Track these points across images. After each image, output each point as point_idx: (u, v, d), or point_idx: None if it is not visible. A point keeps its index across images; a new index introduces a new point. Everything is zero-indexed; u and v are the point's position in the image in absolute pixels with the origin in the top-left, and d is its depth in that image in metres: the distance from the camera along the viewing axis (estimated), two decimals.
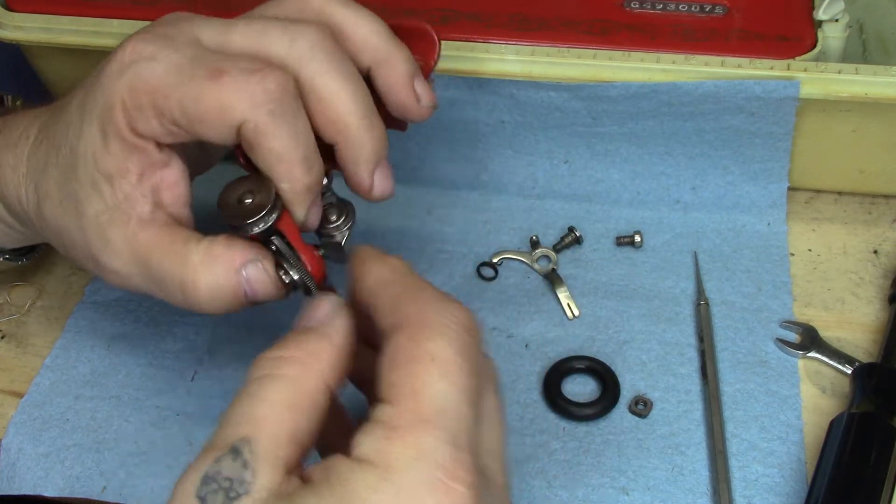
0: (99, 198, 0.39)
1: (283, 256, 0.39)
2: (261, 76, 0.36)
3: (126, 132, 0.38)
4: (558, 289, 0.54)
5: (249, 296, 0.39)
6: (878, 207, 0.58)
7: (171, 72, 0.37)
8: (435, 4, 0.55)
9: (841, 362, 0.50)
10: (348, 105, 0.38)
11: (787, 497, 0.46)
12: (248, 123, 0.36)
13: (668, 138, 0.55)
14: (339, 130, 0.39)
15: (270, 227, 0.38)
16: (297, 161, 0.37)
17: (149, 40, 0.38)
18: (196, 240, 0.39)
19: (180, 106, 0.37)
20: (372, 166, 0.40)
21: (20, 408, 0.51)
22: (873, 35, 0.62)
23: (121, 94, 0.37)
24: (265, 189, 0.38)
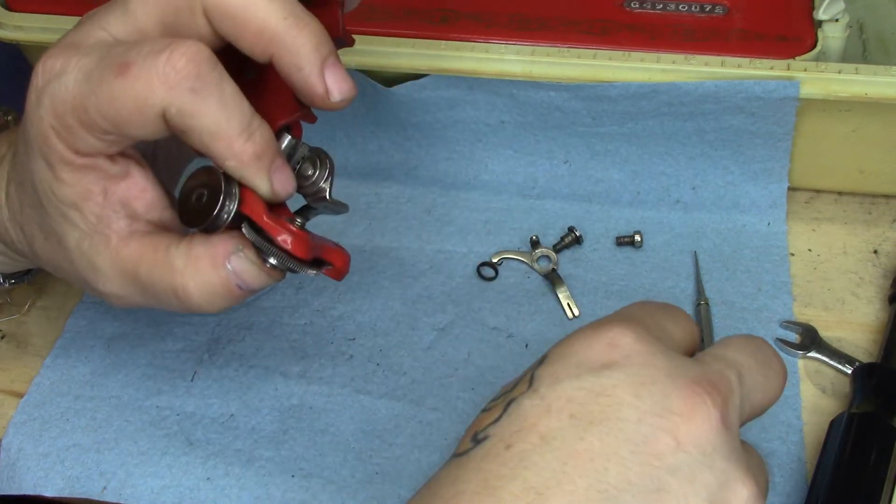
0: (73, 227, 0.38)
1: (255, 245, 0.37)
2: (168, 55, 0.34)
3: (70, 156, 0.36)
4: (558, 289, 0.54)
5: (243, 287, 0.38)
6: (878, 207, 0.58)
7: (80, 81, 0.35)
8: (435, 4, 0.55)
9: (841, 362, 0.50)
10: (265, 8, 0.35)
11: (787, 497, 0.46)
12: (171, 108, 0.34)
13: (668, 138, 0.55)
14: (269, 40, 0.35)
15: (234, 216, 0.36)
16: (234, 132, 0.35)
17: (56, 55, 0.36)
18: (176, 243, 0.38)
19: (100, 113, 0.35)
20: (318, 67, 0.36)
21: (20, 408, 0.51)
22: (873, 35, 0.62)
23: (47, 120, 0.36)
24: (214, 179, 0.36)
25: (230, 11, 0.35)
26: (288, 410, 0.50)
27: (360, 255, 0.57)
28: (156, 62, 0.34)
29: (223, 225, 0.36)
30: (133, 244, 0.38)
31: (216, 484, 0.48)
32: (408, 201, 0.60)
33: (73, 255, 0.39)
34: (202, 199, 0.36)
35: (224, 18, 0.35)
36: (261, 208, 0.36)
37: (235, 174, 0.36)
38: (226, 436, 0.49)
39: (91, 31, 0.37)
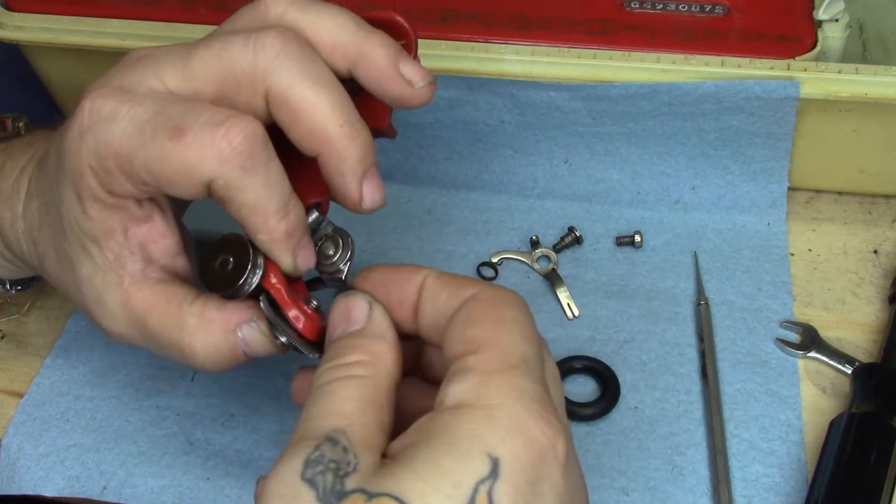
0: (89, 259, 0.38)
1: (270, 321, 0.38)
2: (225, 130, 0.34)
3: (102, 195, 0.37)
4: (558, 289, 0.54)
5: (248, 354, 0.39)
6: (878, 207, 0.58)
7: (132, 133, 0.35)
8: (435, 4, 0.55)
9: (841, 362, 0.50)
10: (325, 112, 0.36)
11: (787, 497, 0.46)
12: (218, 181, 0.35)
13: (668, 138, 0.55)
14: (320, 141, 0.36)
15: (255, 288, 0.37)
16: (271, 211, 0.36)
17: (106, 96, 0.36)
18: (190, 300, 0.38)
19: (146, 168, 0.35)
20: (359, 176, 0.37)
21: (20, 408, 0.51)
22: (873, 35, 0.62)
23: (87, 159, 0.36)
24: (242, 249, 0.37)
25: (292, 105, 0.36)
26: (288, 410, 0.50)
27: (360, 256, 0.57)
28: (213, 134, 0.34)
29: (244, 295, 0.37)
30: (146, 291, 0.38)
31: (216, 484, 0.48)
32: (408, 201, 0.60)
33: (83, 286, 0.39)
34: (227, 265, 0.37)
35: (284, 108, 0.36)
36: (281, 283, 0.38)
37: (263, 247, 0.37)
38: (226, 436, 0.49)
39: (144, 78, 0.36)
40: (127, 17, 0.56)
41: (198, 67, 0.36)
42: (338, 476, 0.30)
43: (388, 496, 0.29)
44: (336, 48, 0.37)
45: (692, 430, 0.48)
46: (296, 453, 0.31)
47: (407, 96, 0.38)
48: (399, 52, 0.38)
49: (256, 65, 0.35)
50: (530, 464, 0.30)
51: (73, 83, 0.62)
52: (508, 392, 0.31)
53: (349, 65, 0.37)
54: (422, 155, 0.60)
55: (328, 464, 0.31)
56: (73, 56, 0.59)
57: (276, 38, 0.36)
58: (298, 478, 0.30)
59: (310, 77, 0.36)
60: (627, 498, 0.46)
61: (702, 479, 0.46)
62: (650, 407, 0.49)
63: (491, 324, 0.34)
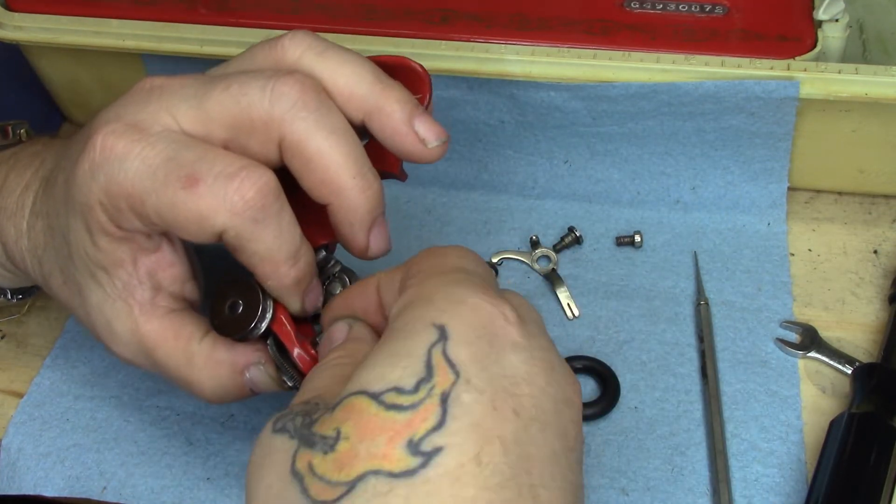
0: (98, 287, 0.39)
1: (276, 364, 0.38)
2: (238, 183, 0.34)
3: (111, 228, 0.37)
4: (558, 289, 0.54)
5: (255, 392, 0.40)
6: (878, 207, 0.58)
7: (144, 175, 0.35)
8: (435, 4, 0.55)
9: (841, 362, 0.50)
10: (339, 164, 0.36)
11: (787, 497, 0.46)
12: (230, 231, 0.35)
13: (668, 138, 0.55)
14: (332, 192, 0.36)
15: (265, 332, 0.38)
16: (282, 259, 0.36)
17: (119, 133, 0.36)
18: (198, 338, 0.39)
19: (157, 213, 0.35)
20: (367, 227, 0.37)
21: (20, 408, 0.51)
22: (873, 35, 0.62)
23: (97, 195, 0.36)
24: (252, 293, 0.37)
25: (306, 155, 0.36)
26: None
27: None
28: (225, 187, 0.34)
29: (254, 338, 0.38)
30: (154, 322, 0.39)
31: (216, 484, 0.48)
32: (408, 201, 0.60)
33: (91, 311, 0.40)
34: (236, 308, 0.38)
35: (297, 157, 0.36)
36: (290, 325, 0.38)
37: (273, 293, 0.37)
38: (226, 436, 0.49)
39: (157, 114, 0.36)
40: (127, 17, 0.56)
41: (213, 109, 0.36)
42: (307, 415, 0.30)
43: (350, 395, 0.29)
44: (352, 99, 0.37)
45: (692, 430, 0.48)
46: (267, 424, 0.31)
47: (418, 154, 0.38)
48: (414, 108, 0.38)
49: (273, 112, 0.35)
50: (479, 324, 0.30)
51: (73, 83, 0.62)
52: (444, 280, 0.32)
53: (364, 116, 0.37)
54: None
55: (290, 412, 0.31)
56: (73, 56, 0.59)
57: (295, 87, 0.36)
58: (270, 433, 0.31)
59: (325, 127, 0.36)
60: (627, 498, 0.46)
61: (702, 479, 0.46)
62: (650, 407, 0.49)
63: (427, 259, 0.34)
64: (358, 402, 0.29)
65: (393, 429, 0.28)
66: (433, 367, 0.29)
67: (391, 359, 0.30)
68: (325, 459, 0.28)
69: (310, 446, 0.29)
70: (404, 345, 0.30)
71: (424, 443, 0.28)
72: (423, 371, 0.29)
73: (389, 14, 0.55)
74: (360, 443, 0.28)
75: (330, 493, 0.27)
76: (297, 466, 0.28)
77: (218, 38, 0.54)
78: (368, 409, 0.28)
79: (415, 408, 0.28)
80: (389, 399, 0.28)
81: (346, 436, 0.28)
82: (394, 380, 0.29)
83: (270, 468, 0.29)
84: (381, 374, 0.29)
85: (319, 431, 0.29)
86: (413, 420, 0.28)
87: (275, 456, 0.30)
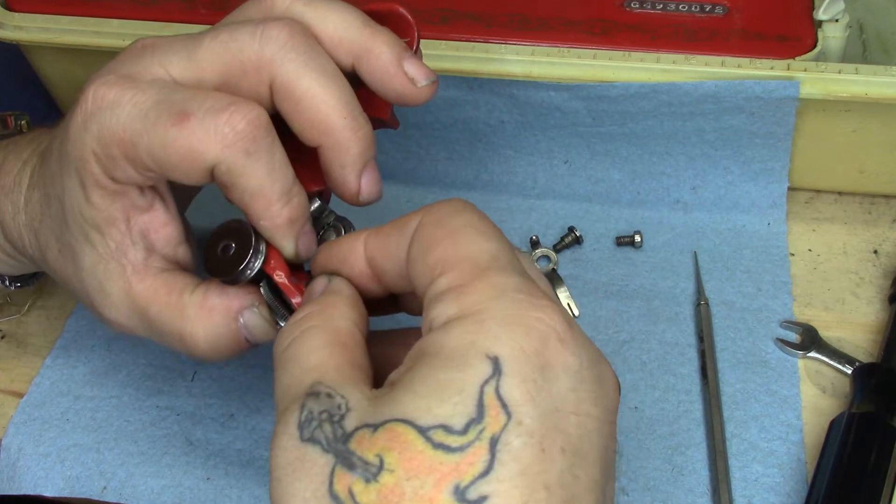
0: (92, 248, 0.38)
1: (270, 306, 0.38)
2: (228, 115, 0.35)
3: (105, 181, 0.37)
4: (558, 289, 0.54)
5: (250, 341, 0.39)
6: (878, 207, 0.58)
7: (135, 118, 0.35)
8: (435, 4, 0.55)
9: (841, 362, 0.50)
10: (329, 104, 0.36)
11: (787, 497, 0.46)
12: (221, 165, 0.35)
13: (668, 138, 0.55)
14: (323, 132, 0.36)
15: (257, 273, 0.37)
16: (275, 196, 0.36)
17: (110, 83, 0.36)
18: (190, 289, 0.39)
19: (149, 154, 0.35)
20: (359, 168, 0.37)
21: (20, 408, 0.51)
22: (873, 35, 0.62)
23: (90, 146, 0.36)
24: (244, 234, 0.37)
25: (296, 94, 0.36)
26: None
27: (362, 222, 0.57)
28: (216, 119, 0.34)
29: (246, 280, 0.37)
30: (147, 280, 0.39)
31: (216, 484, 0.48)
32: (408, 201, 0.60)
33: (84, 276, 0.39)
34: (228, 251, 0.37)
35: (287, 98, 0.36)
36: (283, 269, 0.38)
37: (265, 233, 0.37)
38: (226, 436, 0.49)
39: (149, 67, 0.37)
40: (127, 17, 0.56)
41: (203, 56, 0.36)
42: (334, 423, 0.29)
43: (394, 421, 0.28)
44: (341, 43, 0.38)
45: (692, 430, 0.48)
46: (286, 422, 0.30)
47: (409, 94, 0.38)
48: (403, 50, 0.38)
49: (262, 54, 0.36)
50: (533, 352, 0.29)
51: (73, 83, 0.62)
52: (490, 293, 0.30)
53: (353, 60, 0.38)
54: (422, 155, 0.60)
55: (320, 416, 0.30)
56: (73, 56, 0.59)
57: (283, 30, 0.36)
58: (298, 441, 0.30)
59: (315, 69, 0.36)
60: (627, 498, 0.46)
61: (702, 479, 0.46)
62: (650, 407, 0.49)
63: (446, 241, 0.32)
64: (403, 432, 0.28)
65: (441, 471, 0.27)
66: (485, 407, 0.28)
67: (440, 391, 0.28)
68: (367, 489, 0.27)
69: (349, 468, 0.28)
70: (455, 378, 0.28)
71: (471, 490, 0.27)
72: (474, 411, 0.28)
73: None
74: (406, 480, 0.27)
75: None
76: (336, 489, 0.28)
77: None
78: (415, 443, 0.28)
79: (463, 450, 0.27)
80: (437, 437, 0.28)
81: (391, 468, 0.27)
82: (443, 417, 0.28)
83: (304, 482, 0.29)
84: (428, 407, 0.28)
85: (358, 453, 0.28)
86: (461, 464, 0.27)
87: (308, 468, 0.29)
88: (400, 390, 0.29)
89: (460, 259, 0.31)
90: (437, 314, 0.30)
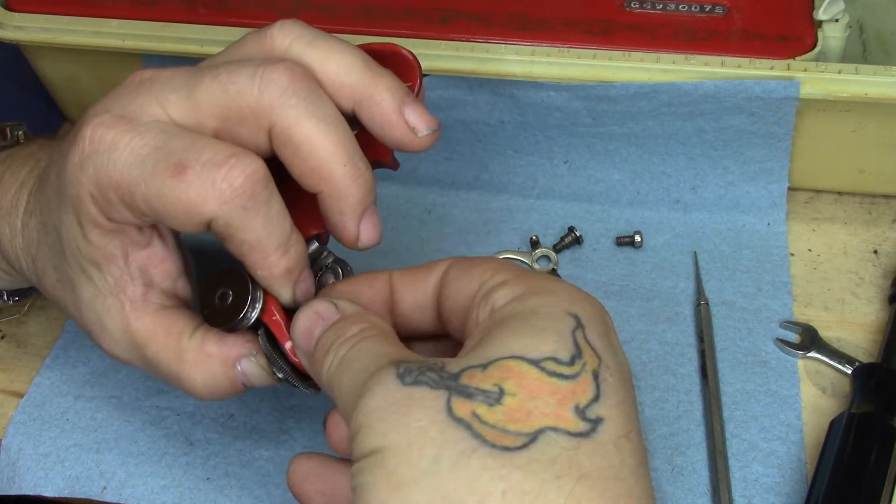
0: (90, 283, 0.38)
1: (267, 356, 0.38)
2: (226, 170, 0.34)
3: (102, 221, 0.37)
4: None
5: (247, 386, 0.39)
6: (878, 207, 0.58)
7: (133, 165, 0.35)
8: (435, 4, 0.55)
9: (841, 362, 0.50)
10: (329, 151, 0.35)
11: (787, 497, 0.46)
12: (219, 220, 0.35)
13: (668, 138, 0.55)
14: (322, 179, 0.36)
15: (254, 323, 0.37)
16: (272, 248, 0.36)
17: (108, 125, 0.36)
18: (189, 333, 0.39)
19: (146, 203, 0.35)
20: (358, 216, 0.37)
21: (20, 408, 0.51)
22: (873, 35, 0.62)
23: (87, 187, 0.36)
24: (241, 283, 0.37)
25: (295, 142, 0.36)
26: (288, 410, 0.50)
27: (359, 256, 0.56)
28: (213, 175, 0.34)
29: (244, 328, 0.38)
30: (146, 319, 0.39)
31: (216, 484, 0.48)
32: (408, 201, 0.60)
33: (83, 308, 0.39)
34: (226, 299, 0.37)
35: (287, 144, 0.36)
36: (280, 316, 0.37)
37: (263, 283, 0.37)
38: (226, 436, 0.49)
39: (147, 106, 0.36)
40: (127, 17, 0.56)
41: (203, 98, 0.36)
42: (436, 370, 0.30)
43: (503, 358, 0.30)
44: (342, 87, 0.37)
45: (692, 430, 0.48)
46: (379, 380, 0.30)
47: (409, 143, 0.37)
48: (405, 97, 0.37)
49: (262, 100, 0.35)
50: (600, 319, 0.33)
51: (73, 83, 0.62)
52: (548, 280, 0.34)
53: (354, 105, 0.37)
54: (422, 155, 0.59)
55: (417, 368, 0.31)
56: (73, 56, 0.59)
57: (284, 74, 0.35)
58: (400, 386, 0.30)
59: (315, 115, 0.36)
60: None
61: (702, 479, 0.46)
62: (650, 407, 0.49)
63: (488, 261, 0.36)
64: (516, 365, 0.30)
65: (561, 393, 0.30)
66: (580, 347, 0.31)
67: (540, 333, 0.31)
68: (492, 411, 0.29)
69: (467, 396, 0.29)
70: (548, 324, 0.31)
71: (588, 411, 0.30)
72: (573, 348, 0.31)
73: (389, 14, 0.55)
74: (530, 400, 0.29)
75: (510, 440, 0.28)
76: (458, 413, 0.29)
77: (218, 38, 0.54)
78: (531, 372, 0.30)
79: (574, 378, 0.30)
80: (549, 366, 0.30)
81: (513, 392, 0.29)
82: (549, 351, 0.31)
83: (416, 414, 0.29)
84: (534, 345, 0.31)
85: (474, 384, 0.30)
86: (576, 389, 0.30)
87: (418, 402, 0.29)
88: (497, 338, 0.31)
89: (508, 266, 0.35)
90: (502, 295, 0.33)
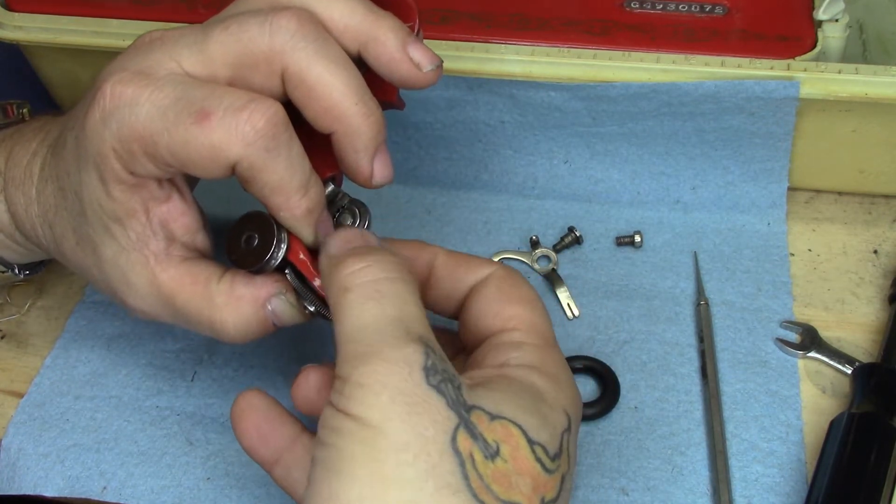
0: (112, 240, 0.39)
1: (297, 292, 0.39)
2: (248, 113, 0.35)
3: (124, 176, 0.37)
4: (558, 289, 0.54)
5: (278, 325, 0.40)
6: (878, 207, 0.58)
7: (155, 117, 0.36)
8: (435, 4, 0.55)
9: (841, 362, 0.50)
10: (341, 91, 0.37)
11: (787, 497, 0.46)
12: (243, 162, 0.36)
13: (668, 138, 0.55)
14: (335, 119, 0.37)
15: (281, 262, 0.38)
16: (293, 189, 0.37)
17: (127, 81, 0.36)
18: (217, 278, 0.40)
19: (170, 151, 0.36)
20: (371, 153, 0.38)
21: (20, 408, 0.51)
22: (873, 35, 0.62)
23: (110, 142, 0.37)
24: (266, 225, 0.38)
25: (308, 83, 0.37)
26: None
27: None
28: (236, 118, 0.35)
29: (271, 269, 0.39)
30: (171, 270, 0.39)
31: (216, 484, 0.48)
32: (408, 201, 0.60)
33: (106, 267, 0.40)
34: (252, 242, 0.39)
35: (300, 87, 0.37)
36: (306, 256, 0.39)
37: (286, 223, 0.38)
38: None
39: (162, 61, 0.37)
40: (127, 17, 0.56)
41: (215, 49, 0.37)
42: (455, 387, 0.33)
43: (508, 420, 0.33)
44: (347, 30, 0.38)
45: (692, 430, 0.48)
46: (407, 359, 0.33)
47: (414, 79, 0.39)
48: (408, 35, 0.39)
49: (273, 45, 0.36)
50: (577, 420, 0.37)
51: (74, 83, 0.62)
52: (558, 364, 0.38)
53: (359, 47, 0.38)
54: (422, 155, 0.60)
55: (443, 372, 0.33)
56: (73, 56, 0.59)
57: (292, 19, 0.37)
58: (424, 383, 0.32)
59: (325, 56, 0.37)
60: (627, 498, 0.46)
61: (702, 479, 0.46)
62: (650, 407, 0.49)
63: (520, 304, 0.39)
64: (517, 434, 0.33)
65: (538, 481, 0.33)
66: (562, 450, 0.35)
67: (542, 421, 0.35)
68: (486, 463, 0.32)
69: (472, 436, 0.32)
70: (549, 415, 0.35)
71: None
72: (558, 448, 0.35)
73: None
74: (515, 475, 0.33)
75: (488, 499, 0.32)
76: (460, 446, 0.32)
77: None
78: (525, 449, 0.33)
79: (551, 473, 0.34)
80: (539, 452, 0.34)
81: (505, 458, 0.33)
82: (544, 440, 0.34)
83: (427, 421, 0.32)
84: (535, 427, 0.34)
85: (480, 428, 0.33)
86: (548, 483, 0.34)
87: (433, 413, 0.32)
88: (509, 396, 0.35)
89: (534, 324, 0.39)
90: (516, 357, 0.37)
